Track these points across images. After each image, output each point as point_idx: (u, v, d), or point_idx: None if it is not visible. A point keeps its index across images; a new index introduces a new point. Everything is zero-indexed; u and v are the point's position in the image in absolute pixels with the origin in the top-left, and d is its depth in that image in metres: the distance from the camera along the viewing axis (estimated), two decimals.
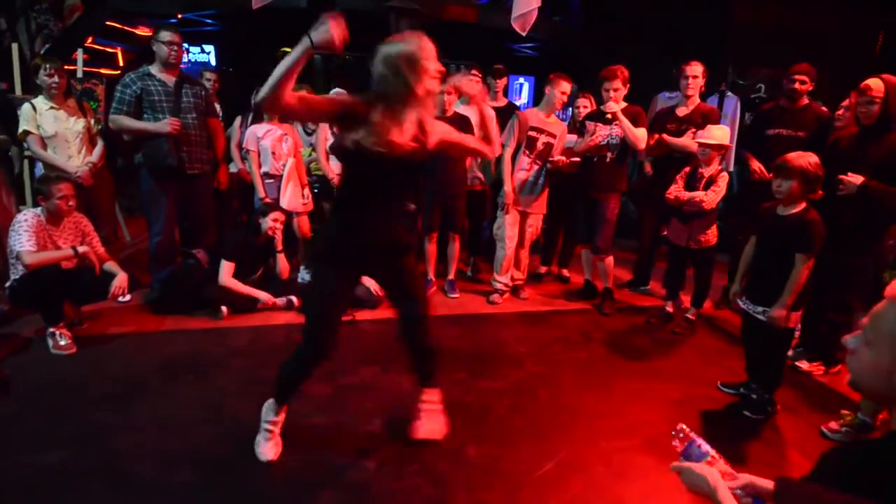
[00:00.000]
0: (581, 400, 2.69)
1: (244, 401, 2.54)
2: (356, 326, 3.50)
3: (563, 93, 3.73)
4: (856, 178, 2.70)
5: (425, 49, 1.82)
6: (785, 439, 2.45)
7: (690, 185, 3.45)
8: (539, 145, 3.81)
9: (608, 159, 3.75)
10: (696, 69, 3.75)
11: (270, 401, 2.19)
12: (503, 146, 3.85)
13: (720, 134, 3.35)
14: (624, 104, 3.71)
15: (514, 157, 3.84)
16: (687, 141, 3.76)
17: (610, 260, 3.91)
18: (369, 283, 3.74)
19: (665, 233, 3.91)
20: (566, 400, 2.69)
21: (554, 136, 3.81)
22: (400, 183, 1.98)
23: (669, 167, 3.81)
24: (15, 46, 4.72)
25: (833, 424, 2.50)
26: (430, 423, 2.26)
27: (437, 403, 2.30)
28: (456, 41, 6.99)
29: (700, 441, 1.09)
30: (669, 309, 3.77)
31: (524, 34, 5.21)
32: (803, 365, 3.12)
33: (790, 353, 3.15)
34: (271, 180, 4.00)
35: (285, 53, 1.68)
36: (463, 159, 4.00)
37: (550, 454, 2.24)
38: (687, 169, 3.51)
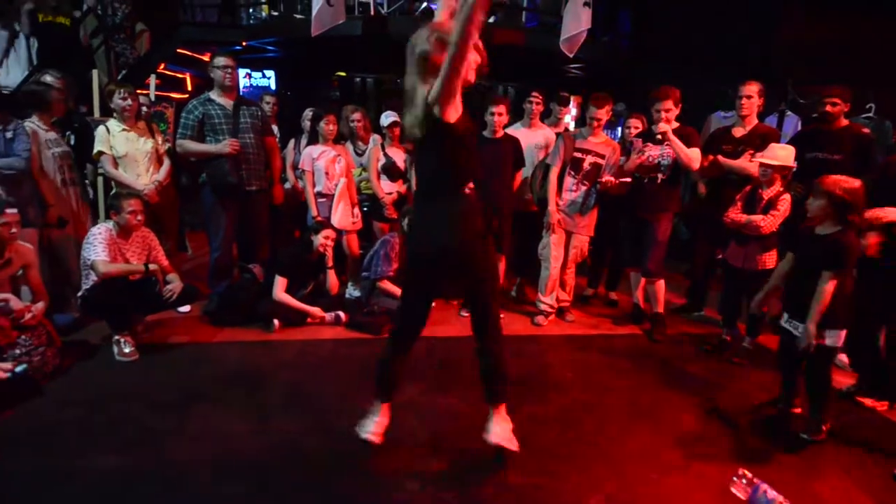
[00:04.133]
0: (630, 430, 2.59)
1: (292, 414, 2.61)
2: None
3: (591, 116, 3.74)
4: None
5: None
6: (855, 483, 2.26)
7: (749, 206, 3.31)
8: (585, 166, 3.78)
9: (659, 180, 3.67)
10: (751, 89, 3.63)
11: None
12: (549, 166, 3.84)
13: (784, 154, 3.20)
14: (676, 124, 3.63)
15: (560, 178, 3.82)
16: (744, 163, 3.62)
17: (661, 283, 3.79)
18: None
19: (720, 256, 3.76)
20: (614, 430, 2.60)
21: (602, 157, 3.76)
22: None
23: (725, 188, 3.68)
24: (95, 72, 5.13)
25: None
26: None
27: None
28: (505, 63, 7.09)
29: (766, 486, 1.03)
30: (727, 337, 3.60)
31: (571, 56, 5.22)
32: (867, 401, 2.92)
33: (851, 387, 3.01)
34: (323, 199, 4.14)
35: (340, 77, 1.76)
36: (510, 180, 4.01)
37: (596, 486, 2.16)
38: (747, 189, 3.38)
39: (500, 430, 2.19)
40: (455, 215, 2.04)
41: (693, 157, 3.50)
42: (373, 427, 2.28)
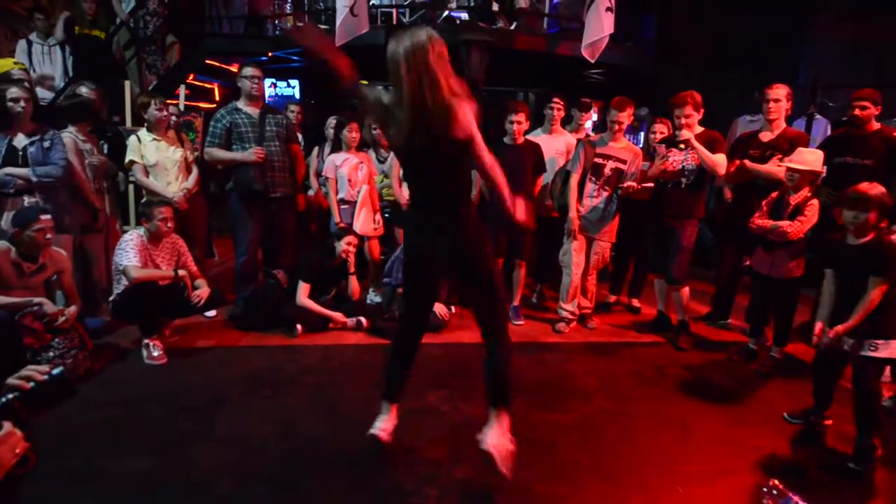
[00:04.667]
0: (655, 441, 2.55)
1: (316, 418, 2.64)
2: (422, 349, 3.53)
3: (612, 120, 3.71)
4: None
5: None
6: (889, 497, 2.19)
7: (775, 212, 3.23)
8: (607, 171, 3.75)
9: (683, 185, 3.62)
10: (779, 92, 3.56)
11: None
12: (570, 172, 3.82)
13: (812, 159, 3.13)
14: (700, 129, 3.58)
15: (581, 184, 3.80)
16: (772, 168, 3.54)
17: (685, 291, 3.73)
18: (436, 306, 3.78)
19: (747, 263, 3.68)
20: (638, 440, 2.55)
21: (624, 162, 3.73)
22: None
23: (752, 194, 3.61)
24: (127, 83, 5.29)
25: None
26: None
27: None
28: (526, 69, 7.10)
29: (798, 498, 1.01)
30: (753, 346, 3.52)
31: (593, 61, 5.19)
32: None
33: (888, 399, 2.89)
34: (346, 206, 4.20)
35: (364, 86, 1.79)
36: (530, 186, 4.00)
37: (621, 498, 2.13)
38: (773, 195, 3.31)
39: (495, 437, 2.10)
40: (457, 217, 2.15)
41: (718, 162, 3.45)
42: (381, 425, 2.31)
